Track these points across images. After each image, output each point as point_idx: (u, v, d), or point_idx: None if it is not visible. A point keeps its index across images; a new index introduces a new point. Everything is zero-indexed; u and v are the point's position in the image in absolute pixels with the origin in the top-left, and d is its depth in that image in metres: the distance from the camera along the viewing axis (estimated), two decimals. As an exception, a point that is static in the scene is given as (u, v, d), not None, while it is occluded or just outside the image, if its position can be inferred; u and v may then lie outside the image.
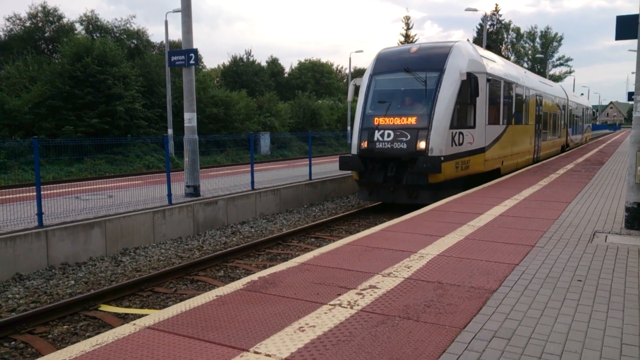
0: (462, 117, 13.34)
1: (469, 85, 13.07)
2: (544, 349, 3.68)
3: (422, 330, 4.02)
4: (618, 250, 6.63)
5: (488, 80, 14.40)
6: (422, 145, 12.53)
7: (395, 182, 13.02)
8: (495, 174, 15.79)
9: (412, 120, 12.89)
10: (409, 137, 12.68)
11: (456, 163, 13.02)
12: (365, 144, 13.30)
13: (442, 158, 12.38)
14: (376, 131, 13.14)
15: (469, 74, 13.05)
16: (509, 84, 16.73)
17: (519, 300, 4.70)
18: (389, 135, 12.95)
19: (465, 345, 3.73)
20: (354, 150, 13.55)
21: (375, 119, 13.34)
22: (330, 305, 4.59)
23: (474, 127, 13.77)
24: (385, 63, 14.35)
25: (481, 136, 14.13)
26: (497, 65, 16.23)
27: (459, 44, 14.00)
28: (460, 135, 13.15)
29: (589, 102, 48.86)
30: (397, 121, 13.07)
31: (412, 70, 13.44)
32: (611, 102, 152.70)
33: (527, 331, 4.00)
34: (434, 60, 13.49)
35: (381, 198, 13.70)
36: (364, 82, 14.48)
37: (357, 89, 15.27)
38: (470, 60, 13.70)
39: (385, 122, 13.20)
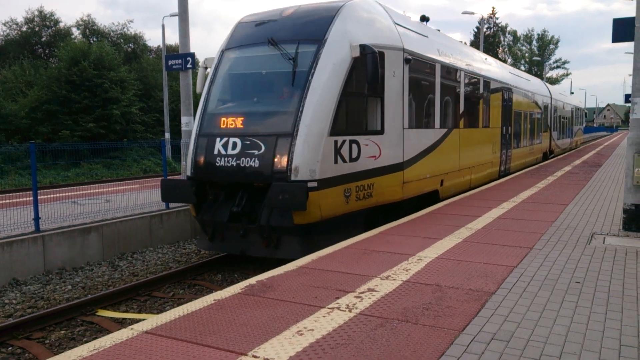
0: (356, 116, 8.87)
1: (367, 65, 8.26)
2: (542, 351, 3.67)
3: (420, 333, 4.01)
4: (616, 251, 6.63)
5: (408, 60, 9.75)
6: (281, 162, 7.86)
7: (248, 222, 8.26)
8: (431, 198, 11.34)
9: (270, 123, 8.29)
10: (262, 149, 8.01)
11: (346, 190, 8.36)
12: (202, 161, 8.60)
13: (316, 183, 7.80)
14: (218, 140, 8.42)
15: (365, 48, 8.27)
16: (451, 70, 12.17)
17: (518, 303, 4.69)
18: (234, 146, 8.23)
19: (464, 348, 3.72)
20: (188, 171, 8.94)
21: (222, 119, 8.64)
22: (328, 308, 4.57)
23: (380, 132, 9.08)
24: (245, 33, 9.45)
25: (395, 146, 9.51)
26: (428, 40, 11.37)
27: (355, 2, 9.12)
28: (354, 146, 8.48)
29: (580, 102, 43.29)
30: (249, 124, 8.42)
31: (278, 41, 8.57)
32: (608, 105, 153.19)
33: (525, 333, 3.99)
34: (311, 27, 8.73)
35: (227, 247, 8.71)
36: (214, 62, 9.64)
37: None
38: (372, 27, 9.17)
39: (233, 124, 8.48)
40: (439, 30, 13.62)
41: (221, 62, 9.42)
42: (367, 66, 8.23)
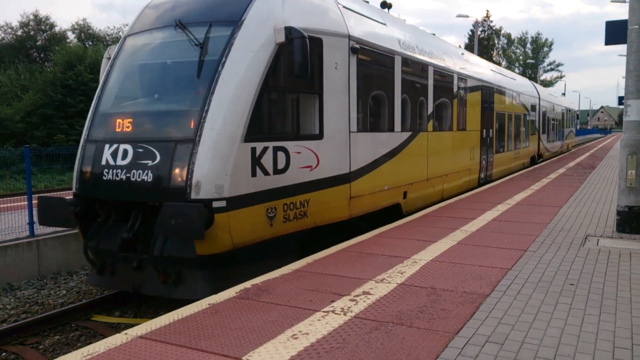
0: (284, 117, 7.31)
1: (294, 53, 6.64)
2: (537, 354, 3.68)
3: (415, 336, 4.01)
4: (610, 253, 6.66)
5: (356, 50, 8.14)
6: (179, 176, 6.25)
7: (141, 252, 6.59)
8: (392, 214, 9.70)
9: (167, 126, 6.71)
10: (157, 159, 6.39)
11: (269, 209, 6.68)
12: (88, 173, 6.95)
13: (224, 202, 6.15)
14: (107, 147, 6.77)
15: (291, 32, 6.66)
16: (416, 64, 10.53)
17: (512, 305, 4.70)
18: (125, 154, 6.60)
19: (459, 351, 3.73)
20: (74, 186, 7.21)
21: (114, 121, 7.02)
22: (323, 312, 4.57)
23: (318, 136, 7.47)
24: (152, 16, 7.77)
25: (339, 154, 7.92)
26: (386, 29, 9.65)
27: None
28: (280, 155, 6.83)
29: (572, 103, 41.05)
30: (143, 127, 6.84)
31: (187, 24, 6.96)
32: (602, 107, 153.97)
33: (520, 336, 4.00)
34: (227, 6, 7.14)
35: (118, 283, 7.05)
36: (114, 51, 7.95)
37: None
38: (304, 7, 7.50)
39: (125, 128, 6.89)
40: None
41: (121, 51, 7.73)
42: (295, 54, 6.57)
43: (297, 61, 6.62)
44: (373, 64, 9.03)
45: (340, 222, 8.21)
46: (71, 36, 38.70)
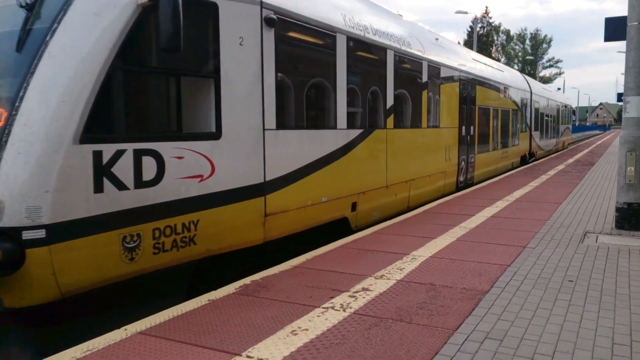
0: (153, 108, 5.58)
1: (159, 19, 4.81)
2: (536, 350, 3.69)
3: (415, 332, 4.02)
4: (609, 250, 6.67)
5: (271, 21, 6.35)
6: None
7: None
8: (337, 229, 8.06)
9: None
10: None
11: (125, 238, 4.86)
12: None
13: (43, 232, 4.31)
14: None
15: None
16: (368, 47, 8.73)
17: (511, 301, 4.71)
18: None
19: (458, 347, 3.73)
20: None
21: None
22: (323, 308, 4.58)
23: (215, 135, 5.71)
24: None
25: (247, 157, 6.16)
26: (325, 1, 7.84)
27: None
28: (148, 160, 5.04)
29: (568, 99, 38.59)
30: None
31: None
32: (601, 103, 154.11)
33: (519, 332, 4.01)
34: None
35: None
36: None
37: None
38: None
39: None
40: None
41: None
42: (160, 19, 4.76)
43: (163, 29, 4.75)
44: (302, 42, 7.24)
45: (255, 248, 6.30)
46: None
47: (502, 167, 18.19)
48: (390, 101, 9.41)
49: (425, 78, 10.95)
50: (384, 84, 9.29)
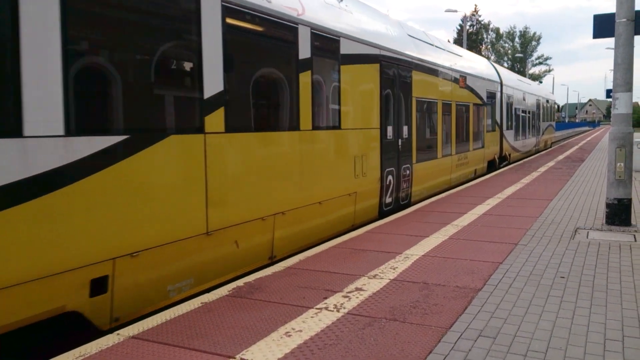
0: None
1: None
2: (529, 347, 3.70)
3: (408, 331, 4.02)
4: (599, 246, 6.72)
5: None
6: None
7: None
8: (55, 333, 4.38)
9: None
10: None
11: None
12: None
13: None
14: None
15: None
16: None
17: (504, 299, 4.73)
18: None
19: (452, 345, 3.74)
20: None
21: None
22: (316, 309, 4.57)
23: None
24: None
25: None
26: None
27: None
28: None
29: (550, 92, 34.31)
30: None
31: None
32: (590, 100, 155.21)
33: (512, 329, 4.03)
34: None
35: None
36: None
37: None
38: None
39: None
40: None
41: None
42: None
43: None
44: None
45: None
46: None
47: (460, 176, 14.48)
48: (213, 87, 5.61)
49: (305, 54, 7.26)
50: (199, 58, 5.44)
